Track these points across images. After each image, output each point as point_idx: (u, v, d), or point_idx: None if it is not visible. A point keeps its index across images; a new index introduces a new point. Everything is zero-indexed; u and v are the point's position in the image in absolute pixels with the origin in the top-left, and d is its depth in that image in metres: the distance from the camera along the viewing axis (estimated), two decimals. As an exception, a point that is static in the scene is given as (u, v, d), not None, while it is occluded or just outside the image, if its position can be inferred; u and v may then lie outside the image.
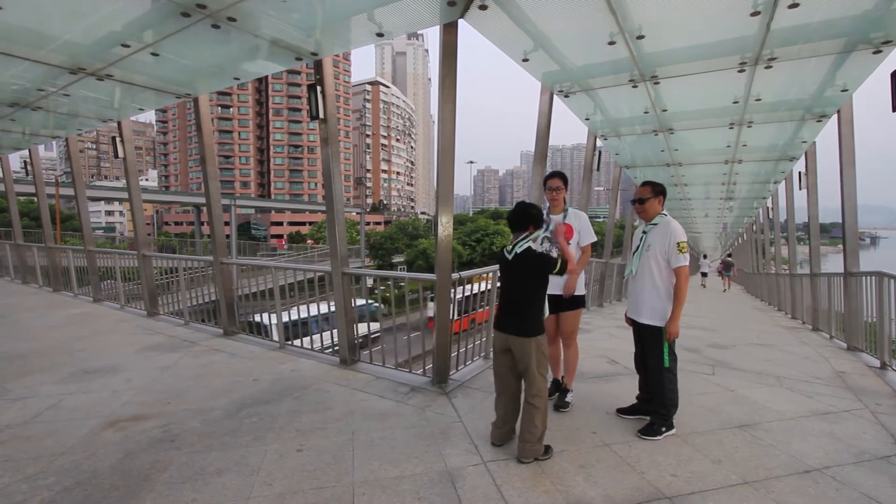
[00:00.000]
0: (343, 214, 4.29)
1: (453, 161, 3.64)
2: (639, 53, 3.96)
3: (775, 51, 3.75)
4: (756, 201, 13.15)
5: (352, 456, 2.66)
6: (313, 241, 48.87)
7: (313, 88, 4.05)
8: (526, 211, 2.75)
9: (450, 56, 3.48)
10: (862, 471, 2.55)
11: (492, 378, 3.92)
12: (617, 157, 8.43)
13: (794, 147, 6.94)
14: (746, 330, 7.09)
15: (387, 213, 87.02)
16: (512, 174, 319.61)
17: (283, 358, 4.58)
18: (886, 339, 4.40)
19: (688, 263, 2.96)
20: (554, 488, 2.36)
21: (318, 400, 3.49)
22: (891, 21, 3.31)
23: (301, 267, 5.10)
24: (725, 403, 3.54)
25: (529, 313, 2.65)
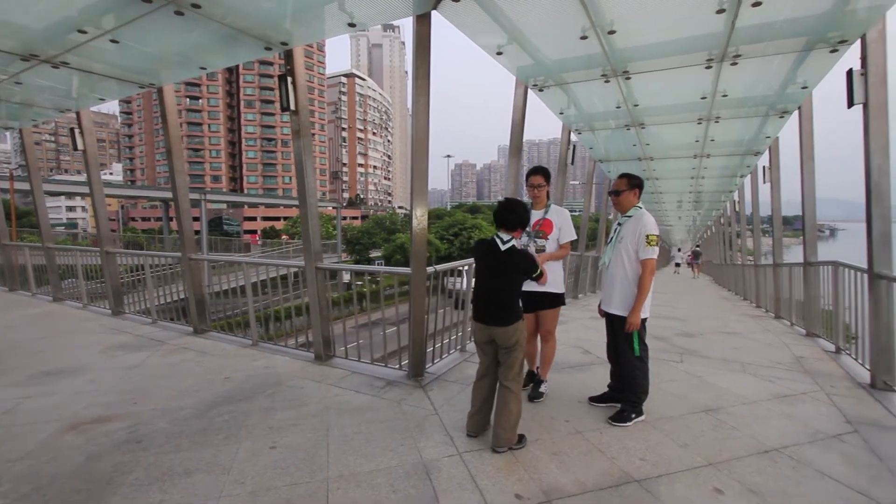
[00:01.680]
0: (316, 209, 4.22)
1: (427, 154, 3.62)
2: (610, 48, 4.01)
3: (740, 48, 3.87)
4: (723, 195, 13.61)
5: (326, 451, 2.64)
6: (288, 236, 47.95)
7: (283, 79, 3.95)
8: (518, 214, 2.73)
9: (423, 48, 3.45)
10: (816, 449, 2.69)
11: (469, 371, 4.00)
12: (591, 151, 8.56)
13: (758, 142, 7.20)
14: (714, 319, 7.35)
15: (364, 208, 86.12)
16: (489, 168, 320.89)
17: (257, 355, 4.49)
18: (841, 324, 4.64)
19: (655, 257, 3.02)
20: (527, 476, 2.40)
21: (293, 396, 3.44)
22: (846, 21, 3.46)
23: (273, 262, 5.00)
24: (692, 389, 3.67)
25: (512, 303, 2.70)
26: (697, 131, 6.50)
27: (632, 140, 7.21)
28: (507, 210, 2.74)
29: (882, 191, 3.39)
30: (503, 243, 2.72)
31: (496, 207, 2.81)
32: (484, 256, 2.77)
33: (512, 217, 2.73)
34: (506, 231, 2.75)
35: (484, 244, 2.80)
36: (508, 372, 2.69)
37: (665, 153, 8.13)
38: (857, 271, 4.00)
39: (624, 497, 2.24)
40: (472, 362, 4.26)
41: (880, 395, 3.44)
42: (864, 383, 3.72)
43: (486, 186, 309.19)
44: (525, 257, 2.76)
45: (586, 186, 10.40)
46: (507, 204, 2.77)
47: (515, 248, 2.74)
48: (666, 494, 2.26)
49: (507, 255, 2.70)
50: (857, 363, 4.20)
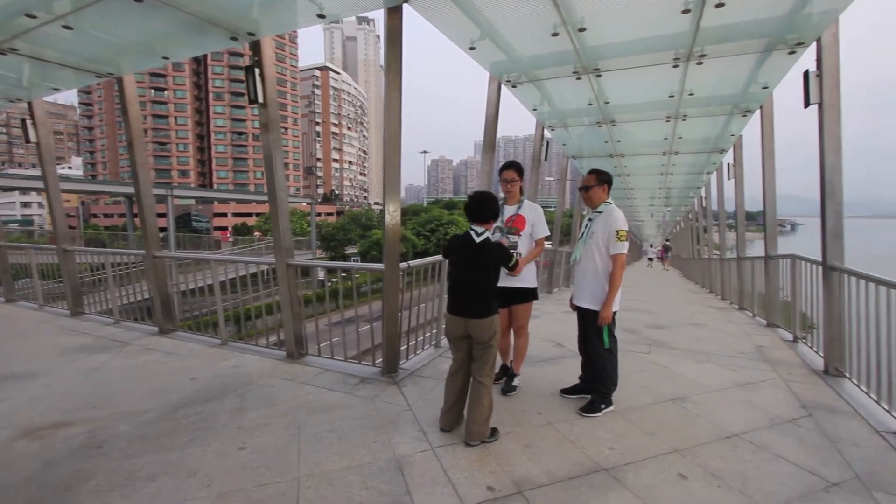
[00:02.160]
0: (287, 204, 4.13)
1: (400, 149, 3.59)
2: (581, 46, 4.07)
3: (705, 48, 3.99)
4: (691, 191, 14.06)
5: (297, 451, 2.60)
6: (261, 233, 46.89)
7: (251, 70, 3.83)
8: (489, 207, 2.75)
9: (395, 41, 3.41)
10: (774, 433, 2.82)
11: (443, 366, 4.00)
12: (565, 147, 8.68)
13: (723, 140, 7.45)
14: (681, 311, 7.60)
15: (339, 204, 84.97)
16: (466, 164, 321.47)
17: (226, 354, 4.38)
18: (798, 315, 4.87)
19: (626, 252, 3.07)
20: (500, 468, 2.43)
21: (263, 396, 3.37)
22: (802, 24, 3.60)
23: (242, 259, 4.86)
24: (660, 380, 3.78)
25: (488, 296, 2.72)
26: (666, 129, 6.68)
27: (604, 137, 7.35)
28: (478, 204, 2.75)
29: (835, 188, 3.57)
30: (477, 236, 2.73)
31: (467, 202, 2.81)
32: (459, 250, 2.78)
33: (484, 211, 2.75)
34: (479, 224, 2.76)
35: (459, 238, 2.81)
36: (483, 367, 2.71)
37: (636, 150, 8.32)
38: (812, 264, 4.20)
39: (593, 485, 2.29)
40: (446, 357, 4.26)
41: (832, 381, 3.64)
42: (818, 370, 3.92)
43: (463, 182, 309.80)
44: (499, 249, 2.79)
45: (560, 182, 10.54)
46: (478, 198, 2.77)
47: (490, 241, 2.76)
48: (633, 481, 2.32)
49: (482, 249, 2.72)
50: (813, 351, 4.42)
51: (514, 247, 3.38)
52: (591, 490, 2.26)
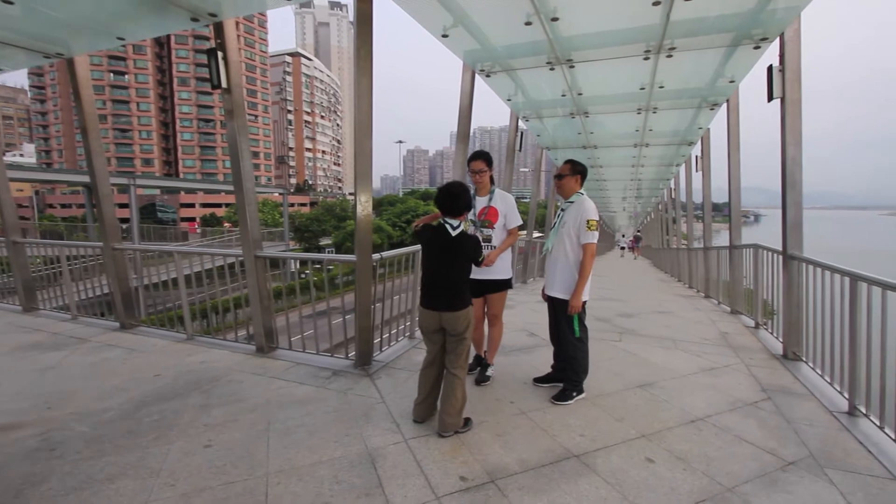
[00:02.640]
0: (254, 194, 3.99)
1: (371, 137, 3.51)
2: (555, 36, 4.06)
3: (675, 41, 4.04)
4: (661, 182, 14.42)
5: (266, 447, 2.53)
6: (231, 223, 45.55)
7: (213, 54, 3.66)
8: (461, 200, 2.66)
9: (365, 26, 3.31)
10: (736, 416, 2.93)
11: (418, 357, 3.98)
12: (539, 138, 8.72)
13: (692, 132, 7.64)
14: (650, 299, 7.81)
15: (312, 194, 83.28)
16: (442, 155, 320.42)
17: (192, 349, 4.23)
18: (760, 302, 5.07)
19: (596, 241, 3.10)
20: (473, 458, 2.44)
21: (231, 391, 3.28)
22: (767, 20, 3.69)
23: (208, 251, 4.70)
24: (629, 366, 3.87)
25: (462, 289, 2.70)
26: (637, 121, 6.79)
27: (577, 128, 7.41)
28: (451, 198, 2.66)
29: (795, 180, 3.70)
30: (453, 229, 2.68)
31: (437, 195, 2.72)
32: (433, 243, 2.72)
33: (457, 203, 2.67)
34: (452, 217, 2.71)
35: (431, 229, 2.75)
36: (457, 360, 2.70)
37: (608, 142, 8.44)
38: (774, 253, 4.37)
39: (564, 472, 2.33)
40: (420, 349, 4.25)
41: (790, 365, 3.81)
42: (777, 355, 4.10)
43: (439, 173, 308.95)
44: (473, 242, 2.74)
45: (535, 173, 10.61)
46: (449, 191, 2.67)
47: (466, 234, 2.72)
48: (602, 466, 2.37)
49: (458, 243, 2.67)
50: (773, 336, 4.61)
51: (489, 239, 3.37)
52: (563, 476, 2.29)
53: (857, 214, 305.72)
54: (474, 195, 3.46)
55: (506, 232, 3.45)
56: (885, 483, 2.23)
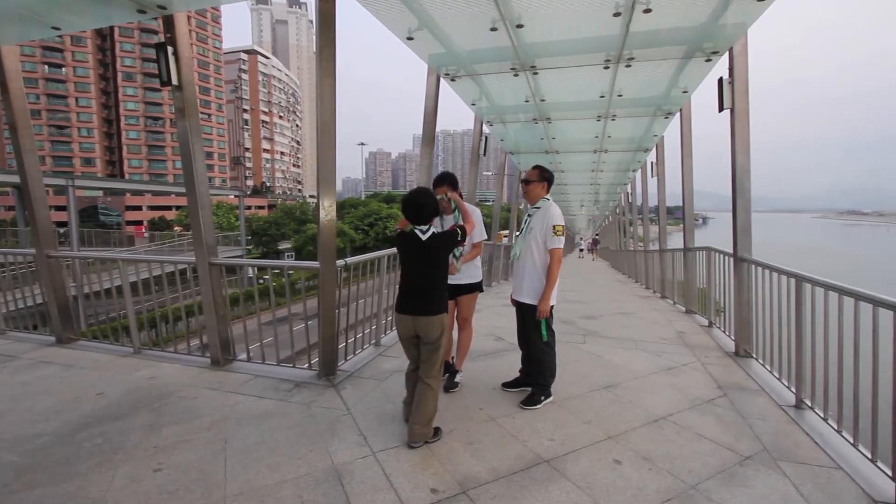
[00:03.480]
0: (208, 197, 3.77)
1: (335, 140, 3.40)
2: (519, 42, 4.10)
3: (633, 51, 4.19)
4: (619, 187, 14.98)
5: (224, 467, 2.37)
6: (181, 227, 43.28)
7: (162, 49, 3.43)
8: (427, 207, 2.65)
9: (327, 26, 3.21)
10: (695, 414, 3.04)
11: (384, 365, 3.89)
12: (502, 143, 8.82)
13: (647, 139, 7.97)
14: (611, 301, 8.06)
15: (271, 197, 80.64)
16: (405, 157, 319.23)
17: (139, 364, 3.94)
18: (712, 302, 5.33)
19: (562, 246, 3.14)
20: (443, 469, 2.38)
21: (184, 409, 3.06)
22: (717, 35, 3.89)
23: (157, 258, 4.39)
24: (594, 368, 3.95)
25: (437, 293, 2.68)
26: (597, 128, 7.00)
27: (539, 133, 7.55)
28: (416, 208, 2.64)
29: (744, 186, 3.91)
30: (423, 234, 2.67)
31: (402, 206, 2.71)
32: (406, 249, 2.72)
33: (422, 212, 2.66)
34: (421, 224, 2.68)
35: (404, 237, 2.74)
36: (430, 368, 2.67)
37: (569, 147, 8.66)
38: (725, 255, 4.59)
39: (535, 478, 2.32)
40: (387, 356, 4.16)
41: (742, 362, 4.01)
42: (730, 352, 4.30)
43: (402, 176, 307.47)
44: (445, 235, 2.72)
45: (498, 177, 10.73)
46: (414, 201, 2.65)
47: (436, 235, 2.70)
48: (572, 470, 2.38)
49: (430, 247, 2.66)
50: (725, 335, 4.85)
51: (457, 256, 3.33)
52: (534, 483, 2.28)
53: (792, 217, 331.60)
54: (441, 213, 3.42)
55: (471, 244, 3.43)
56: (831, 472, 2.37)
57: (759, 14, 3.43)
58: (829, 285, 2.67)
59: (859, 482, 2.26)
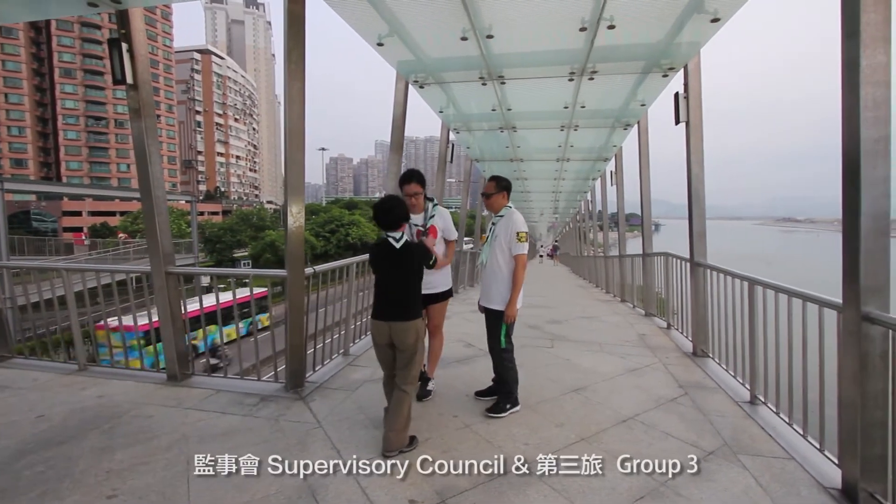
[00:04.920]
0: (165, 202, 3.57)
1: (303, 146, 3.32)
2: (488, 52, 4.17)
3: (597, 65, 4.37)
4: (579, 195, 15.49)
5: (187, 490, 2.23)
6: (127, 234, 40.64)
7: (116, 45, 3.23)
8: (397, 212, 2.71)
9: (296, 28, 3.15)
10: (660, 413, 3.17)
11: (354, 375, 3.81)
12: (468, 150, 8.92)
13: (607, 150, 8.30)
14: (574, 305, 8.28)
15: (225, 202, 77.43)
16: (367, 163, 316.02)
17: (86, 382, 3.64)
18: (671, 305, 5.59)
19: (526, 252, 3.22)
20: (420, 479, 2.35)
21: (139, 429, 2.86)
22: (673, 52, 4.13)
23: (105, 268, 4.10)
24: (563, 372, 4.03)
25: (413, 299, 2.73)
26: (560, 137, 7.22)
27: (505, 142, 7.70)
28: (386, 212, 2.70)
29: (699, 195, 4.15)
30: (396, 241, 2.70)
31: (374, 212, 2.77)
32: (380, 258, 2.76)
33: (391, 216, 2.70)
34: (393, 231, 2.72)
35: (377, 247, 2.78)
36: (406, 376, 2.67)
37: (533, 156, 8.89)
38: (682, 260, 4.84)
39: (512, 483, 2.33)
40: (356, 366, 4.08)
41: (700, 361, 4.22)
42: (688, 352, 4.52)
43: (364, 182, 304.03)
44: (421, 248, 2.81)
45: (464, 184, 10.82)
46: (383, 206, 2.72)
47: (409, 243, 2.75)
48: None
49: (404, 253, 2.70)
50: (683, 336, 5.09)
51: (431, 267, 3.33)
52: (511, 488, 2.29)
53: (734, 224, 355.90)
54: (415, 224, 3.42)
55: (444, 244, 3.45)
56: (785, 463, 2.53)
57: (712, 34, 3.67)
58: (779, 287, 2.86)
59: (810, 471, 2.42)
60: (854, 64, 1.98)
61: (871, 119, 1.97)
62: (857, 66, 1.96)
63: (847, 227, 2.08)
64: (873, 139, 1.97)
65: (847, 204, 2.07)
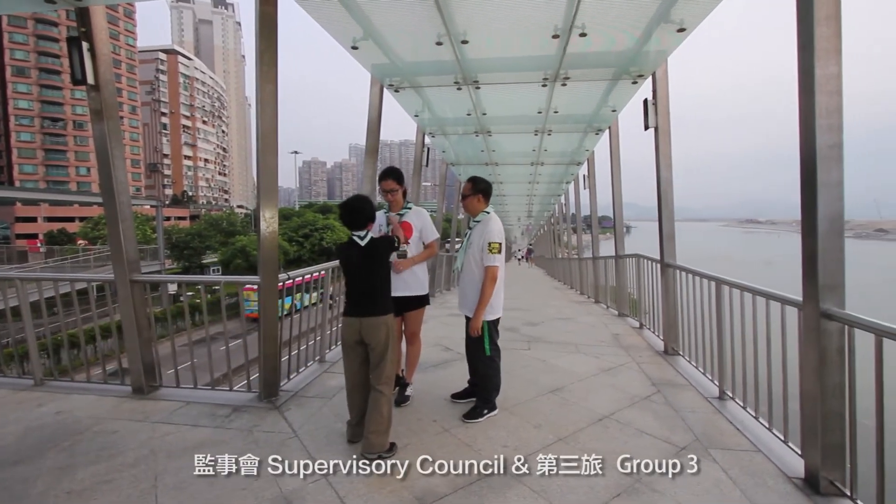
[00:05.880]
0: (129, 207, 3.42)
1: (276, 149, 3.25)
2: (463, 57, 4.20)
3: (569, 71, 4.46)
4: (553, 198, 15.76)
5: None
6: (87, 241, 38.78)
7: (76, 44, 3.09)
8: (362, 212, 2.74)
9: (268, 30, 3.09)
10: (634, 411, 3.24)
11: (330, 382, 3.74)
12: (444, 154, 8.95)
13: (580, 154, 8.48)
14: (550, 307, 8.40)
15: (193, 207, 75.05)
16: (341, 167, 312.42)
17: (43, 398, 3.44)
18: (642, 305, 5.74)
19: (498, 265, 3.06)
20: (400, 485, 2.33)
21: (102, 445, 2.72)
22: (642, 60, 4.26)
23: (64, 277, 3.90)
24: (540, 373, 4.07)
25: (382, 295, 2.74)
26: (534, 141, 7.34)
27: (480, 146, 7.77)
28: (351, 212, 2.74)
29: (668, 198, 4.29)
30: (361, 240, 2.73)
31: (339, 213, 2.81)
32: (348, 257, 2.76)
33: (357, 217, 2.74)
34: (358, 230, 2.75)
35: (345, 246, 2.79)
36: (380, 376, 2.64)
37: (507, 160, 8.99)
38: (652, 261, 4.98)
39: (492, 486, 2.33)
40: (333, 373, 4.01)
41: (671, 359, 4.35)
42: (660, 351, 4.65)
43: (338, 186, 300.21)
44: (385, 241, 2.84)
45: (439, 188, 10.84)
46: (348, 207, 2.75)
47: (374, 239, 2.77)
48: (527, 475, 2.43)
49: (369, 248, 2.73)
50: (655, 335, 5.24)
51: (404, 255, 3.30)
52: (492, 491, 2.29)
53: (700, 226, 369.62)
54: (387, 211, 3.40)
55: (422, 246, 3.42)
56: (752, 455, 2.63)
57: (679, 43, 3.81)
58: (745, 287, 2.98)
59: (775, 462, 2.52)
60: (809, 74, 2.09)
61: (825, 126, 2.08)
62: (811, 77, 2.08)
63: (805, 228, 2.19)
64: (828, 145, 2.09)
65: (805, 207, 2.18)
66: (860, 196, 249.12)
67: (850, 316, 2.05)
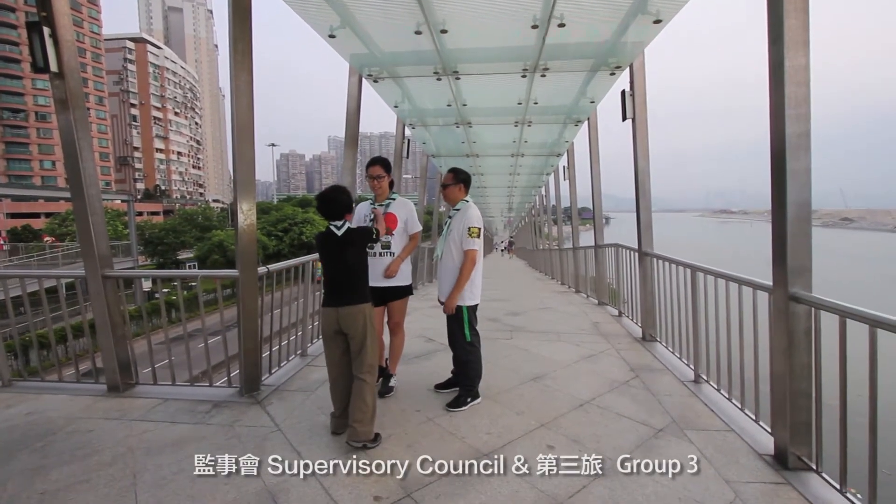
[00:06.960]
0: (100, 201, 3.30)
1: (253, 141, 3.19)
2: (442, 47, 4.17)
3: (548, 62, 4.48)
4: (533, 190, 15.88)
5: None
6: (54, 237, 37.30)
7: (37, 29, 2.94)
8: (339, 202, 2.74)
9: (242, 18, 3.01)
10: (614, 396, 3.32)
11: (313, 375, 3.71)
12: (424, 146, 8.90)
13: (559, 145, 8.56)
14: (532, 297, 8.50)
15: (167, 201, 72.94)
16: (320, 160, 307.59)
17: (11, 399, 3.32)
18: (621, 294, 5.86)
19: (477, 248, 3.16)
20: (385, 475, 2.34)
21: (76, 445, 2.64)
22: (619, 51, 4.31)
23: (32, 273, 3.75)
24: (522, 362, 4.13)
25: (360, 284, 2.74)
26: (514, 133, 7.36)
27: (460, 137, 7.75)
28: (327, 203, 2.74)
29: (645, 188, 4.37)
30: (338, 229, 2.73)
31: (317, 204, 2.80)
32: (325, 247, 2.77)
33: (334, 207, 2.74)
34: (335, 220, 2.75)
35: (322, 236, 2.79)
36: (362, 364, 2.64)
37: (488, 151, 9.00)
38: (631, 251, 5.08)
39: (476, 472, 2.36)
40: (315, 366, 3.98)
41: (648, 346, 4.47)
42: (638, 338, 4.77)
43: (317, 178, 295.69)
44: (360, 230, 2.84)
45: (420, 180, 10.80)
46: (325, 197, 2.75)
47: (351, 229, 2.77)
48: (511, 460, 2.47)
49: (345, 238, 2.73)
50: (633, 322, 5.36)
51: (388, 246, 3.30)
52: (476, 478, 2.32)
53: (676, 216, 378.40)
54: (373, 202, 3.38)
55: (406, 237, 3.42)
56: (725, 434, 2.73)
57: (655, 35, 3.87)
58: (718, 273, 3.08)
59: (747, 440, 2.63)
60: (779, 66, 2.16)
61: (794, 116, 2.16)
62: (781, 68, 2.14)
63: (775, 215, 2.27)
64: (796, 134, 2.16)
65: (775, 194, 2.25)
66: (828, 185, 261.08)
67: (817, 299, 2.14)
